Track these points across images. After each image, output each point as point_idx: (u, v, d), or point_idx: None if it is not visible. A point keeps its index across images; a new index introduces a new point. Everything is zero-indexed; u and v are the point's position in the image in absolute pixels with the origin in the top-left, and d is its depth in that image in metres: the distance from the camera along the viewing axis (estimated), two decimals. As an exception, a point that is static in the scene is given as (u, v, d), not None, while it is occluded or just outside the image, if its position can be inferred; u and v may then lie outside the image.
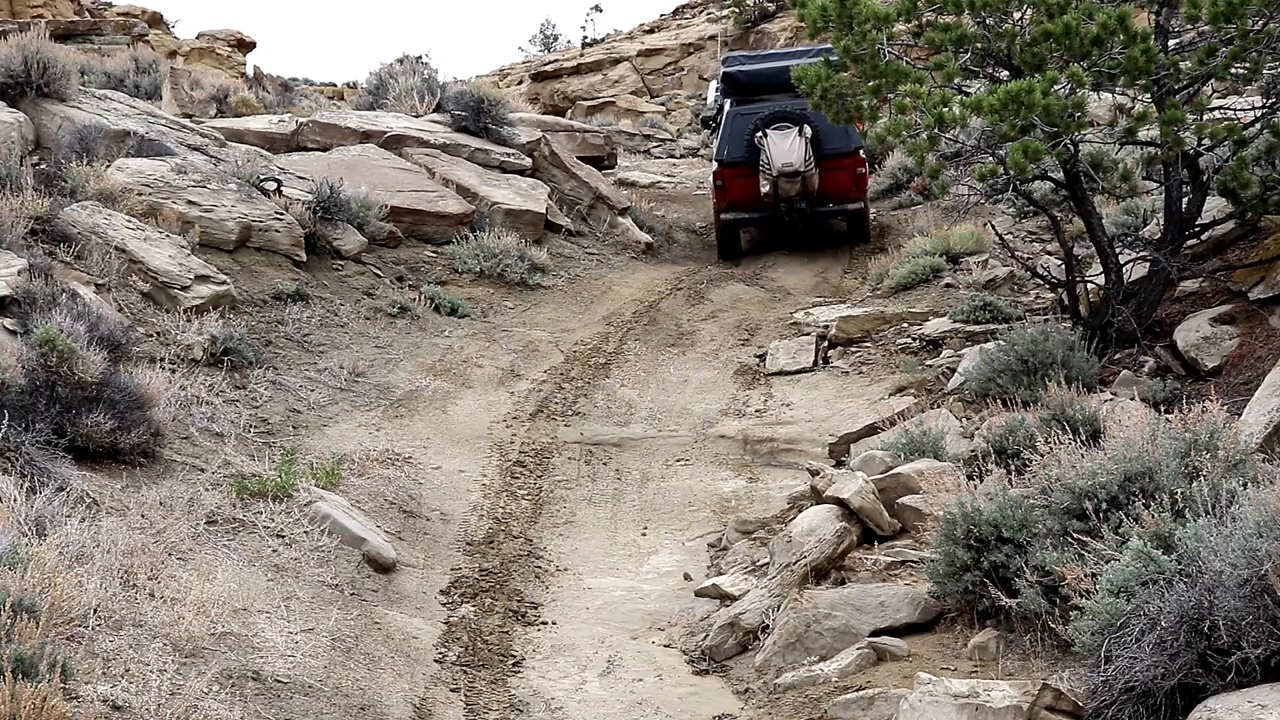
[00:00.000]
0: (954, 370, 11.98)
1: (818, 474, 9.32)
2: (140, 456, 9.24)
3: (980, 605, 7.08)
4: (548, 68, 39.55)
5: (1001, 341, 11.01)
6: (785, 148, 17.43)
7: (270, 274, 13.80)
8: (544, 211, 18.12)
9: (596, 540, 10.03)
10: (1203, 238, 12.07)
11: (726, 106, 18.62)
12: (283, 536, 8.69)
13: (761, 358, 14.15)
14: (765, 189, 17.64)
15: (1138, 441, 6.96)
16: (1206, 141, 11.20)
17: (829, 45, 13.75)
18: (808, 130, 17.40)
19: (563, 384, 13.17)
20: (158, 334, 11.65)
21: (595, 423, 12.32)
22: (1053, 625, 6.54)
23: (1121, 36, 10.23)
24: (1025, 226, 16.49)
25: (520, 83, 40.05)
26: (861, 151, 18.04)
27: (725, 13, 39.77)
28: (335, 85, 40.90)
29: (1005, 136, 10.44)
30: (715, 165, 18.23)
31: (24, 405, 8.58)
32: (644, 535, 10.17)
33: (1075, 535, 6.62)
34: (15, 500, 7.37)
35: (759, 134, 17.64)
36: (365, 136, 18.62)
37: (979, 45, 11.24)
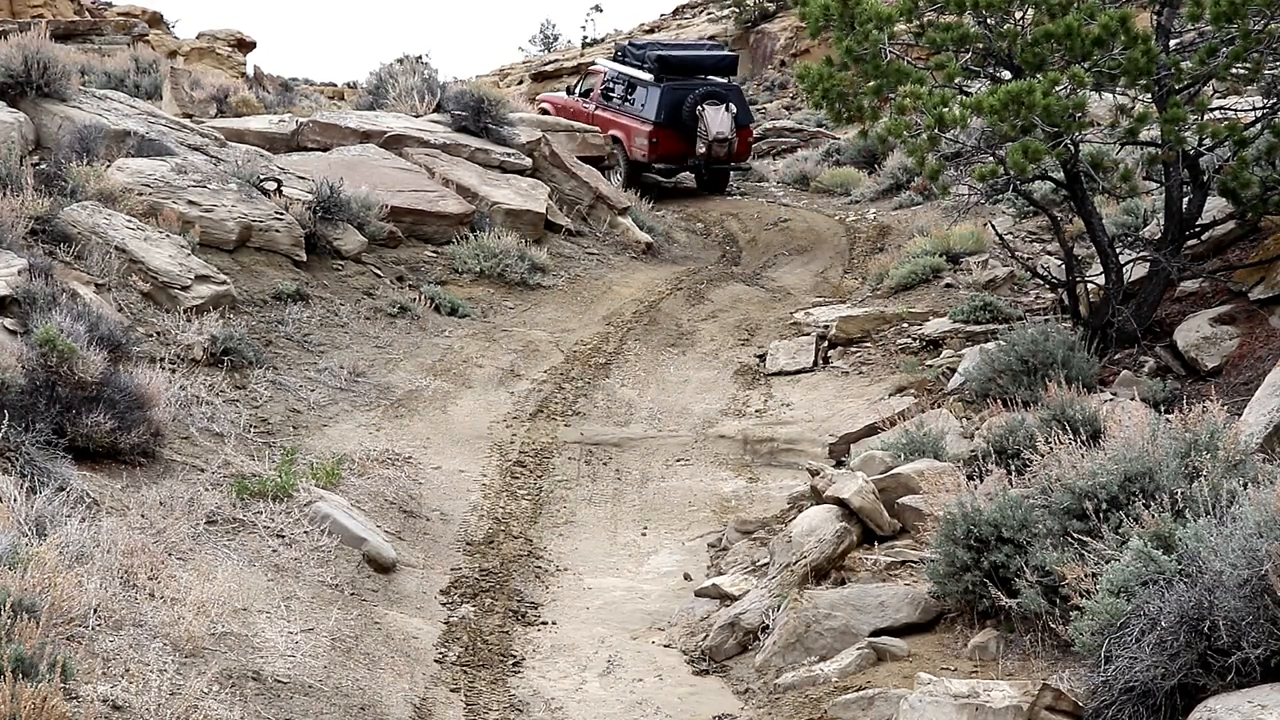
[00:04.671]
0: (954, 370, 11.98)
1: (818, 474, 9.33)
2: (140, 456, 9.24)
3: (980, 605, 7.09)
4: (548, 68, 39.52)
5: (1001, 341, 11.02)
6: (719, 119, 22.16)
7: (270, 274, 13.79)
8: (544, 211, 18.12)
9: (596, 540, 10.03)
10: (1203, 238, 12.08)
11: (648, 81, 22.73)
12: (283, 536, 8.69)
13: (761, 358, 14.16)
14: (701, 149, 22.31)
15: (1138, 441, 6.96)
16: (1207, 141, 11.20)
17: (722, 46, 23.93)
18: (733, 107, 22.46)
19: (563, 384, 13.17)
20: (158, 334, 11.65)
21: (595, 423, 12.32)
22: (1053, 625, 6.54)
23: (1123, 37, 10.23)
24: (1025, 226, 16.50)
25: (520, 83, 40.03)
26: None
27: (725, 13, 39.77)
28: (335, 85, 40.91)
29: (1005, 137, 10.45)
30: (650, 126, 22.35)
31: (24, 405, 8.57)
32: (644, 535, 10.18)
33: (1075, 535, 6.62)
34: (15, 500, 7.37)
35: (698, 106, 22.22)
36: (365, 136, 18.61)
37: (980, 45, 11.24)
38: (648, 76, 22.88)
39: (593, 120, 23.25)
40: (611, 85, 23.61)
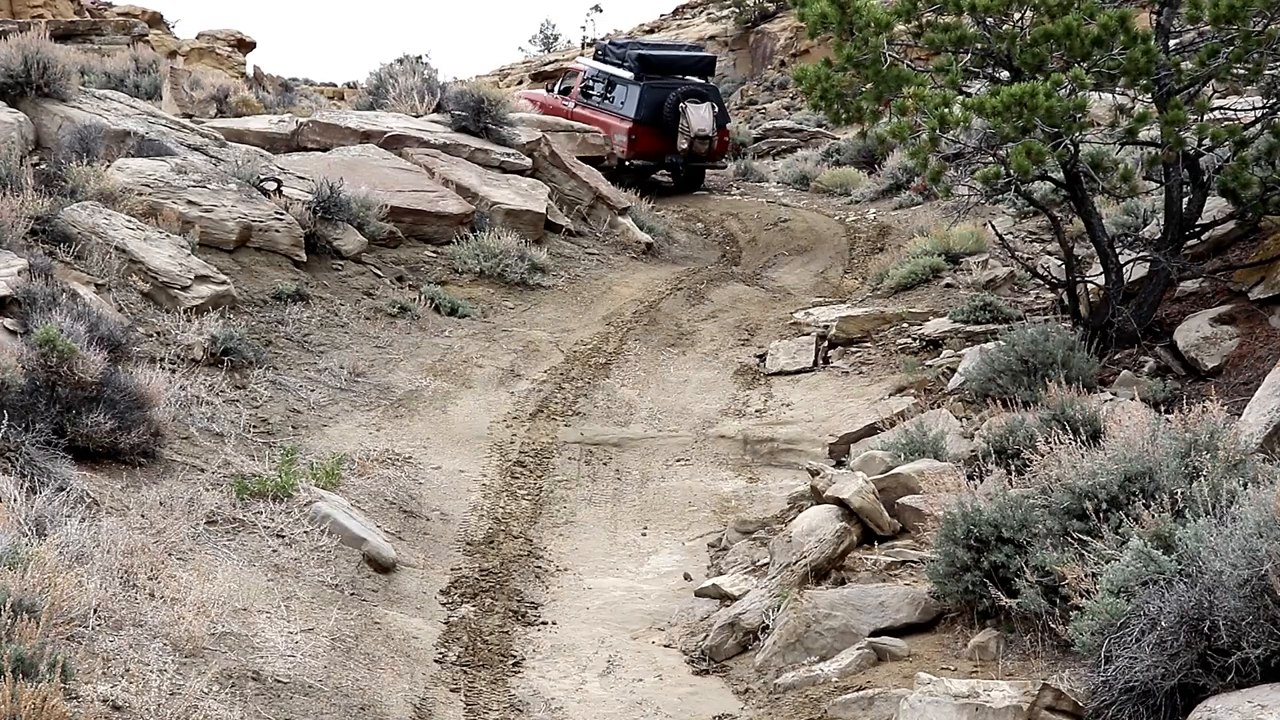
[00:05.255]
0: (954, 370, 11.98)
1: (818, 474, 9.32)
2: (140, 456, 9.24)
3: (980, 605, 7.08)
4: (548, 68, 39.53)
5: (1001, 341, 11.02)
6: (701, 116, 22.57)
7: (270, 274, 13.79)
8: (544, 211, 18.12)
9: (596, 540, 10.03)
10: (1203, 238, 12.08)
11: (627, 79, 23.24)
12: (283, 536, 8.69)
13: (761, 358, 14.16)
14: (683, 145, 22.68)
15: (1138, 441, 6.97)
16: (1207, 142, 11.20)
17: (702, 48, 25.44)
18: (715, 107, 22.97)
19: (563, 384, 13.17)
20: (158, 334, 11.65)
21: (595, 423, 12.33)
22: (1053, 625, 6.54)
23: (1123, 37, 10.23)
24: (1025, 226, 16.50)
25: (520, 83, 40.02)
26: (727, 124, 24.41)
27: (725, 13, 39.79)
28: (335, 85, 40.89)
29: (1007, 138, 10.45)
30: (629, 123, 22.82)
31: (24, 405, 8.57)
32: (644, 535, 10.18)
33: (1075, 535, 6.62)
34: (15, 500, 7.37)
35: (681, 104, 22.62)
36: (365, 136, 18.62)
37: (979, 46, 11.24)
38: (628, 75, 23.29)
39: (571, 118, 23.66)
40: (591, 83, 24.09)
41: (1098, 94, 11.75)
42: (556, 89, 25.25)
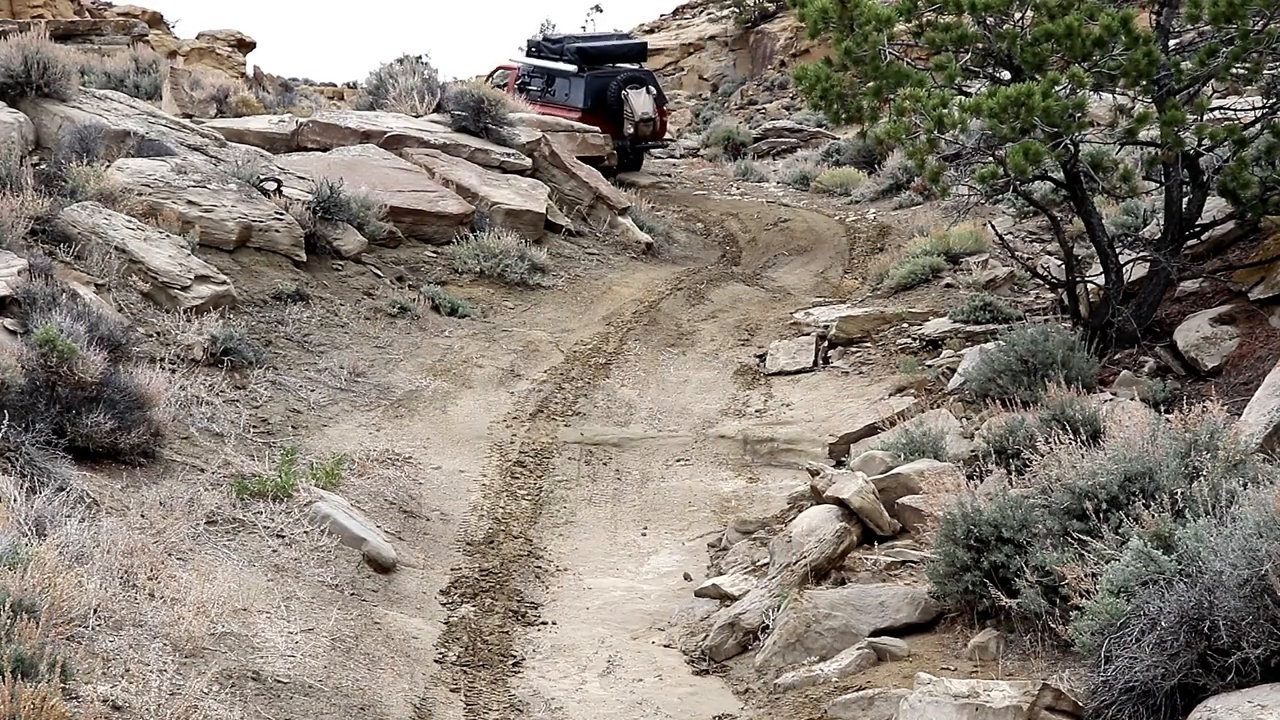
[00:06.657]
0: (954, 370, 11.98)
1: (818, 474, 9.33)
2: (140, 456, 9.24)
3: (980, 605, 7.09)
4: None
5: (1001, 341, 11.02)
6: (642, 102, 23.91)
7: (270, 274, 13.79)
8: (544, 211, 18.12)
9: (596, 540, 10.03)
10: (1203, 238, 12.07)
11: (570, 73, 24.23)
12: (283, 536, 8.69)
13: (761, 358, 14.16)
14: (629, 130, 23.89)
15: (1138, 441, 6.97)
16: (1207, 142, 11.19)
17: (631, 35, 25.97)
18: (653, 90, 24.33)
19: (563, 384, 13.17)
20: (158, 334, 11.65)
21: (595, 423, 12.32)
22: (1053, 625, 6.54)
23: (1124, 38, 10.22)
24: (1025, 226, 16.50)
25: (520, 83, 39.95)
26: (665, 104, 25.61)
27: (725, 13, 39.78)
28: (335, 85, 40.81)
29: (1005, 138, 10.44)
30: (578, 113, 23.66)
31: (24, 405, 8.58)
32: (644, 535, 10.18)
33: (1075, 535, 6.63)
34: (15, 500, 7.37)
35: (622, 91, 23.87)
36: (365, 136, 18.61)
37: (980, 45, 11.24)
38: (570, 68, 24.24)
39: None
40: (529, 79, 24.98)
41: (1098, 94, 11.74)
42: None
